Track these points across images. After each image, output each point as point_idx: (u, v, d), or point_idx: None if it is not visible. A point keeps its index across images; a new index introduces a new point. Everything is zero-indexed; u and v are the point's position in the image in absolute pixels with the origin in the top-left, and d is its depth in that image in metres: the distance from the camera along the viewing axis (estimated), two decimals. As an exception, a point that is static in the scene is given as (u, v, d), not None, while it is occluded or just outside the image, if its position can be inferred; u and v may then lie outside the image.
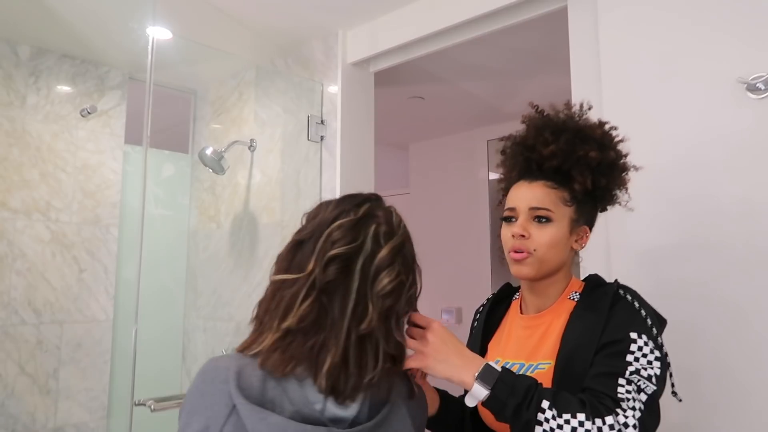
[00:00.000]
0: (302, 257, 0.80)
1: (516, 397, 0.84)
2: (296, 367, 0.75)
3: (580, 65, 1.66)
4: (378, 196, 0.88)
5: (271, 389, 0.75)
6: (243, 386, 0.73)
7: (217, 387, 0.74)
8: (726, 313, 1.29)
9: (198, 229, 2.84)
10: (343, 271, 0.77)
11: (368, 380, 0.77)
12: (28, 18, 2.20)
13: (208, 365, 0.78)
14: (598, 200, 1.10)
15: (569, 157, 1.04)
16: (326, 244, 0.78)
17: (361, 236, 0.79)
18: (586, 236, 1.08)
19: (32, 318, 2.31)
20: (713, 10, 1.37)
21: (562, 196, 1.04)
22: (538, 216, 1.02)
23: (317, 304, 0.76)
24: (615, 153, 1.07)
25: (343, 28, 2.34)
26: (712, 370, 1.30)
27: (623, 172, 1.09)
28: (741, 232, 1.28)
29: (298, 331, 0.76)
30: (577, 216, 1.05)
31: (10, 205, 2.29)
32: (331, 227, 0.79)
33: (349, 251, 0.78)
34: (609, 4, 1.56)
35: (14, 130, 2.32)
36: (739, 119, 1.31)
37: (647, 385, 0.88)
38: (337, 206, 0.83)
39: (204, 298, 2.74)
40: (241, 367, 0.75)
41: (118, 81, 2.62)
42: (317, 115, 2.39)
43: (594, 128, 1.06)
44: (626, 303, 0.98)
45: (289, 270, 0.80)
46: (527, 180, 1.07)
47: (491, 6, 1.88)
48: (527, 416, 0.82)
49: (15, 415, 2.24)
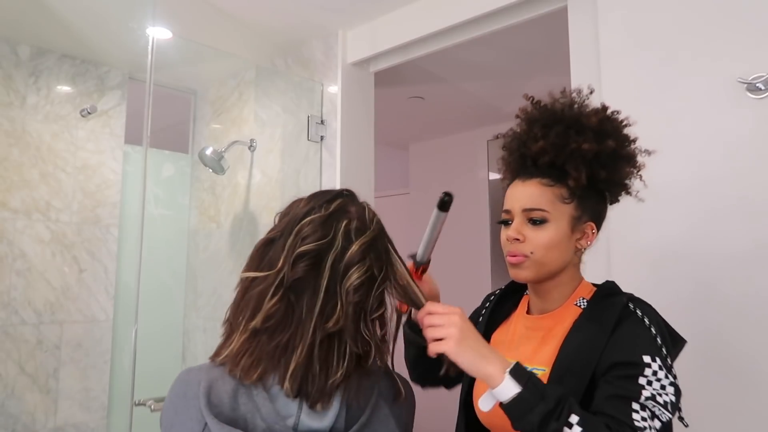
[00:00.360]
0: (273, 254, 0.77)
1: (547, 403, 0.76)
2: (265, 372, 0.73)
3: (580, 65, 1.66)
4: (351, 191, 0.84)
5: (242, 404, 0.72)
6: (213, 402, 0.71)
7: (189, 403, 0.72)
8: (726, 313, 1.29)
9: (198, 229, 2.84)
10: (313, 267, 0.75)
11: (332, 381, 0.74)
12: (28, 18, 2.20)
13: (180, 378, 0.76)
14: (602, 193, 1.01)
15: (562, 152, 0.96)
16: (296, 240, 0.76)
17: (332, 232, 0.76)
18: (592, 233, 0.99)
19: (32, 318, 2.31)
20: (713, 10, 1.37)
21: (559, 194, 0.96)
22: (533, 218, 0.96)
23: (284, 302, 0.74)
24: (615, 141, 0.96)
25: (343, 28, 2.34)
26: (712, 371, 1.30)
27: (628, 161, 0.99)
28: (741, 232, 1.28)
29: (264, 330, 0.74)
30: (579, 212, 0.97)
31: (10, 205, 2.29)
32: (302, 223, 0.77)
33: (318, 247, 0.75)
34: (609, 4, 1.56)
35: (14, 130, 2.32)
36: (739, 119, 1.30)
37: (662, 412, 0.82)
38: (309, 202, 0.80)
39: (204, 298, 2.74)
40: (212, 380, 0.73)
41: (118, 81, 2.62)
42: (317, 115, 2.39)
43: (589, 116, 0.97)
44: (635, 319, 0.90)
45: (259, 268, 0.77)
46: (522, 179, 1.00)
47: (491, 6, 1.88)
48: (555, 427, 0.75)
49: (15, 415, 2.24)
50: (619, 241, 1.46)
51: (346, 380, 0.75)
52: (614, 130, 0.99)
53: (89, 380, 2.45)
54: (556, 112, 1.00)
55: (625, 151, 0.99)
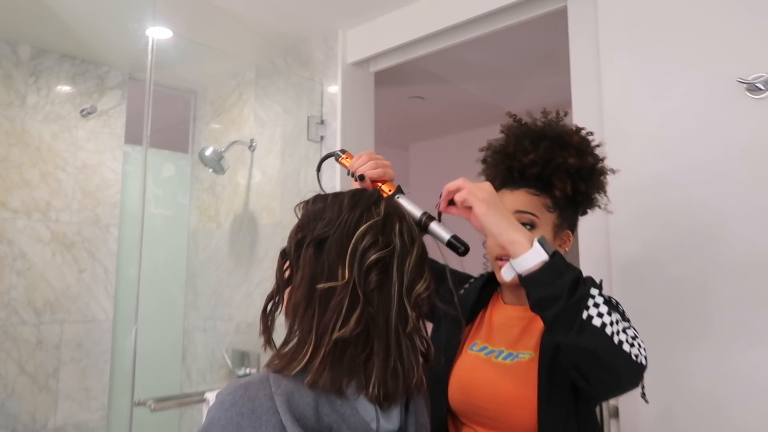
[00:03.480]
0: (330, 261, 0.76)
1: (574, 271, 0.82)
2: (350, 382, 0.73)
3: (580, 65, 1.66)
4: (378, 190, 0.87)
5: (326, 415, 0.70)
6: (298, 416, 0.67)
7: (261, 419, 0.66)
8: (726, 314, 1.29)
9: (198, 229, 2.84)
10: (382, 275, 0.76)
11: (413, 382, 0.76)
12: (28, 18, 2.20)
13: (239, 395, 0.69)
14: (579, 205, 1.12)
15: (549, 164, 1.05)
16: (359, 249, 0.75)
17: (391, 237, 0.78)
18: (569, 240, 1.10)
19: (32, 318, 2.31)
20: (713, 10, 1.37)
21: (544, 203, 1.06)
22: (524, 222, 1.03)
23: (365, 313, 0.74)
24: (593, 158, 1.09)
25: (343, 28, 2.34)
26: (712, 371, 1.30)
27: (601, 176, 1.11)
28: (741, 232, 1.28)
29: (348, 342, 0.73)
30: (560, 221, 1.08)
31: (10, 205, 2.29)
32: (360, 231, 0.76)
33: (384, 255, 0.76)
34: (609, 4, 1.56)
35: (14, 130, 2.32)
36: (739, 119, 1.30)
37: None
38: (354, 206, 0.80)
39: (204, 298, 2.74)
40: (288, 393, 0.69)
41: (118, 81, 2.62)
42: (317, 115, 2.39)
43: (571, 134, 1.08)
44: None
45: (318, 274, 0.76)
46: (510, 188, 1.09)
47: (491, 6, 1.88)
48: (583, 291, 0.80)
49: (15, 415, 2.24)
50: (620, 241, 1.47)
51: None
52: (592, 148, 1.10)
53: (89, 380, 2.45)
54: (539, 129, 1.11)
55: (599, 167, 1.10)
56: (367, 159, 0.97)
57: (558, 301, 0.80)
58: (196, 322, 2.76)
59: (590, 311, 0.80)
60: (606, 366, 0.81)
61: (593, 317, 0.80)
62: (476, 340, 1.10)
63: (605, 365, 0.81)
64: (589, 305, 0.80)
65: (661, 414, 1.35)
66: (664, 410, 1.34)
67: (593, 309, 0.80)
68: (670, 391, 1.34)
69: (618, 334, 0.80)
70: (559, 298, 0.80)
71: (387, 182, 0.98)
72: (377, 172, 0.96)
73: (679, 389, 1.33)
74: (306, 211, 0.83)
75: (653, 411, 1.34)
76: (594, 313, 0.80)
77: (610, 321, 0.80)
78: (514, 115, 1.16)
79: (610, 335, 0.79)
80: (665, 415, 1.34)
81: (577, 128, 1.11)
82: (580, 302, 0.80)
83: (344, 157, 1.05)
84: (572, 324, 0.80)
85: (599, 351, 0.80)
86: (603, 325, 0.79)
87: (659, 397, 1.34)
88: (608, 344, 0.79)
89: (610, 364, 0.81)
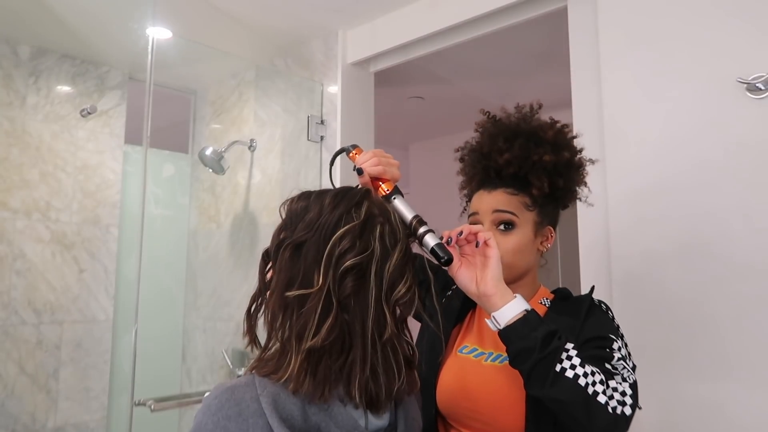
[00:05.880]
0: (306, 266, 0.74)
1: (548, 326, 0.85)
2: (330, 390, 0.72)
3: (580, 65, 1.66)
4: (367, 188, 0.84)
5: (313, 414, 0.70)
6: (284, 416, 0.67)
7: (248, 422, 0.66)
8: (727, 314, 1.29)
9: (198, 229, 2.84)
10: (359, 282, 0.74)
11: (396, 387, 0.76)
12: (28, 18, 2.20)
13: (225, 398, 0.68)
14: (559, 200, 1.10)
15: (525, 163, 1.04)
16: (334, 252, 0.73)
17: (370, 242, 0.75)
18: (551, 236, 1.10)
19: (32, 318, 2.31)
20: (713, 10, 1.37)
21: (523, 202, 1.05)
22: (503, 221, 1.04)
23: (339, 320, 0.72)
24: (569, 152, 1.07)
25: (343, 28, 2.34)
26: (712, 372, 1.30)
27: (579, 169, 1.09)
28: (741, 232, 1.28)
29: (323, 350, 0.71)
30: (541, 218, 1.07)
31: (10, 205, 2.29)
32: (337, 235, 0.74)
33: (361, 260, 0.74)
34: (609, 4, 1.56)
35: (14, 130, 2.32)
36: (739, 119, 1.31)
37: (630, 375, 0.90)
38: (334, 207, 0.77)
39: (204, 298, 2.74)
40: (274, 394, 0.69)
41: (118, 81, 2.62)
42: (317, 116, 2.39)
43: (546, 129, 1.07)
44: (602, 311, 1.02)
45: (293, 279, 0.75)
46: (487, 189, 1.08)
47: (491, 6, 1.88)
48: (556, 344, 0.83)
49: (15, 415, 2.24)
50: (619, 241, 1.47)
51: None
52: (567, 142, 1.08)
53: (89, 380, 2.45)
54: (513, 126, 1.09)
55: (576, 161, 1.09)
56: (371, 155, 0.98)
57: (532, 354, 0.83)
58: (196, 322, 2.76)
59: (564, 364, 0.82)
60: (576, 417, 0.82)
61: (566, 369, 0.82)
62: (466, 342, 1.09)
63: (576, 416, 0.82)
64: (563, 358, 0.82)
65: (658, 419, 1.34)
66: (662, 414, 1.34)
67: (566, 362, 0.82)
68: (669, 393, 1.34)
69: (594, 386, 0.82)
70: (533, 351, 0.83)
71: (387, 181, 0.97)
72: (376, 170, 0.97)
73: (678, 392, 1.33)
74: (289, 210, 0.80)
75: (651, 416, 1.34)
76: (567, 365, 0.82)
77: (584, 372, 0.82)
78: (488, 113, 1.14)
79: (583, 386, 0.81)
80: (663, 421, 1.34)
81: (552, 121, 1.09)
82: (551, 356, 0.82)
83: (354, 152, 1.05)
84: (546, 376, 0.82)
85: (570, 402, 0.81)
86: (576, 376, 0.82)
87: (659, 399, 1.34)
88: (581, 396, 0.81)
89: (582, 416, 0.82)
